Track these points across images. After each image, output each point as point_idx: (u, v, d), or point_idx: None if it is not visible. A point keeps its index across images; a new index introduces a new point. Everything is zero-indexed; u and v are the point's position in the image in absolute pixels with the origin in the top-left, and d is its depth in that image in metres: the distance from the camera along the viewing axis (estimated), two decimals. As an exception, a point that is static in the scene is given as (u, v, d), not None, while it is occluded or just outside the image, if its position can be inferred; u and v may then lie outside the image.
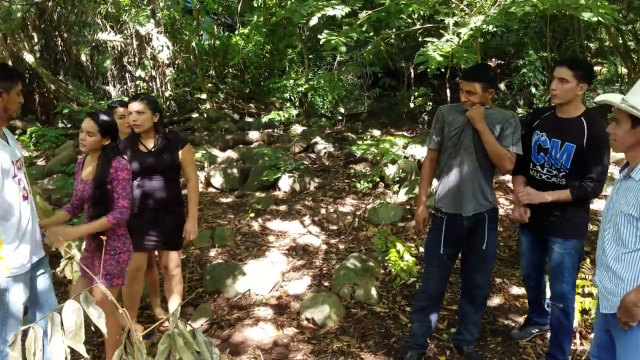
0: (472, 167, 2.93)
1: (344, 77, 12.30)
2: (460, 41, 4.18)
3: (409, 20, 6.00)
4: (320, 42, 4.83)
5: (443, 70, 6.61)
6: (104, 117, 2.85)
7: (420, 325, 3.18)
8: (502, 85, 14.07)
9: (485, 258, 2.99)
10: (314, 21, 4.88)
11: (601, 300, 2.28)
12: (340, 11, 4.89)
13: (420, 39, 4.73)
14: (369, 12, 4.97)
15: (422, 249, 4.60)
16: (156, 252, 3.76)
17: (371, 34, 5.59)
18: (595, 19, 4.08)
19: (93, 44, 12.05)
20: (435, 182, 3.71)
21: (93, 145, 2.82)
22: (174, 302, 3.59)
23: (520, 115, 11.06)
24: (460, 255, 3.23)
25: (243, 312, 3.92)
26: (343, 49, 4.73)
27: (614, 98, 2.15)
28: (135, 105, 3.28)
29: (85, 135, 2.80)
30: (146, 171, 3.35)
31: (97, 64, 12.07)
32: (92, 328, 1.29)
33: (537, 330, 3.47)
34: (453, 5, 4.89)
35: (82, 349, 1.20)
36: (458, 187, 2.96)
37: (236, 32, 11.82)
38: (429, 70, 4.18)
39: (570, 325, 3.06)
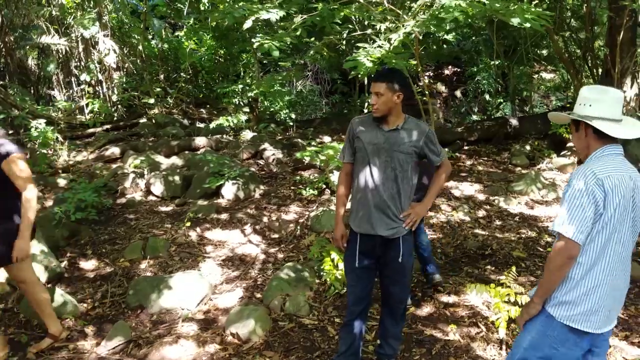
0: (385, 183, 2.80)
1: (302, 83, 12.19)
2: (391, 47, 4.11)
3: (350, 27, 5.94)
4: (254, 46, 4.71)
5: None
6: None
7: (344, 342, 3.03)
8: (457, 93, 14.27)
9: (402, 270, 2.87)
10: (247, 24, 4.75)
11: None
12: (275, 15, 4.78)
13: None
14: (304, 16, 4.88)
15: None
16: None
17: (312, 39, 5.50)
18: (527, 24, 4.10)
19: (38, 48, 11.60)
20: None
21: None
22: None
23: (474, 121, 11.18)
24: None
25: (165, 329, 3.73)
26: (276, 53, 4.62)
27: (562, 115, 2.21)
28: None
29: None
30: None
31: (42, 69, 11.63)
32: None
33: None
34: (386, 12, 4.84)
35: None
36: (368, 206, 2.83)
37: (178, 34, 11.56)
38: (359, 75, 4.10)
39: None
